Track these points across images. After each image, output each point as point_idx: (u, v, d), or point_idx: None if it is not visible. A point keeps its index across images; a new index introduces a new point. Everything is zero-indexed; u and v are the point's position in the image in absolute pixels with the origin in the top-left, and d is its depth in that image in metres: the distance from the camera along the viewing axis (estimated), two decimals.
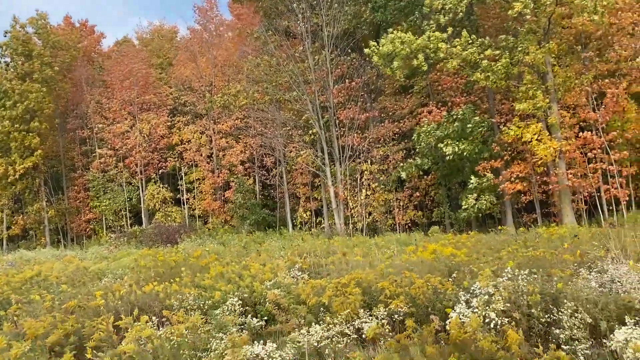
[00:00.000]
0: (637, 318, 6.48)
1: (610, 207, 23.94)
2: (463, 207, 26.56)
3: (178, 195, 41.02)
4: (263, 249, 20.05)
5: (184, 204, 40.43)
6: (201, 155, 39.33)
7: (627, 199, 23.49)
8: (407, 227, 31.07)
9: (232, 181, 37.82)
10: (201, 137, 39.53)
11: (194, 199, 39.93)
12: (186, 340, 6.57)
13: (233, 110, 38.08)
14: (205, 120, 40.15)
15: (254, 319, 8.65)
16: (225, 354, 5.79)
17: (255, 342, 6.57)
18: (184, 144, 39.90)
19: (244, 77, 37.37)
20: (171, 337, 6.66)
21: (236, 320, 8.21)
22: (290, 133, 34.11)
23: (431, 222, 31.09)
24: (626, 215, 22.58)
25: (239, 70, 38.83)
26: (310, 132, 33.09)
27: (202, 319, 8.31)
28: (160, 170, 40.64)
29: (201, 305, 9.29)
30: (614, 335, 5.37)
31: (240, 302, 9.28)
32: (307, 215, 35.98)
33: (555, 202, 26.02)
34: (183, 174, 40.68)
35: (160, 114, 40.63)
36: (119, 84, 41.31)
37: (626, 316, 6.04)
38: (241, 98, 37.28)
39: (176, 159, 40.23)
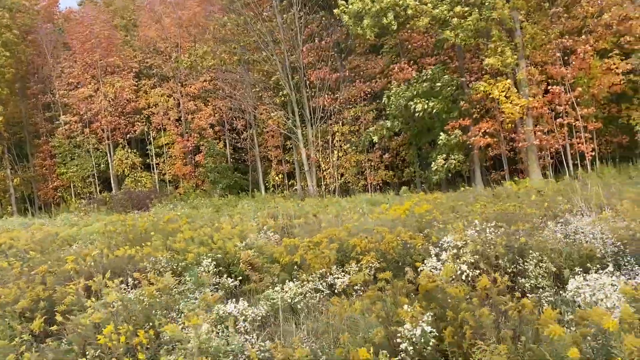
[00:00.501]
0: (598, 266, 6.74)
1: (576, 162, 24.56)
2: (433, 169, 26.85)
3: (147, 160, 40.35)
4: (236, 212, 20.02)
5: (153, 169, 39.85)
6: (169, 119, 38.57)
7: (592, 153, 24.12)
8: (378, 187, 31.39)
9: (202, 145, 37.34)
10: (169, 100, 38.68)
11: (164, 163, 39.38)
12: (158, 300, 6.56)
13: (200, 71, 37.23)
14: (172, 83, 39.22)
15: (229, 279, 8.69)
16: (198, 312, 5.81)
17: (229, 300, 6.61)
18: (151, 107, 38.99)
19: (211, 38, 36.44)
20: (142, 299, 6.65)
21: (211, 280, 8.24)
22: (260, 95, 33.64)
23: (402, 181, 31.49)
24: (590, 170, 23.25)
25: (205, 31, 37.81)
26: (280, 93, 32.70)
27: (175, 280, 8.33)
28: (128, 135, 39.76)
29: (174, 267, 9.28)
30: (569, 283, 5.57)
31: (214, 263, 9.31)
32: (279, 178, 35.95)
33: (522, 158, 26.56)
34: (152, 139, 39.94)
35: (126, 77, 39.45)
36: (80, 46, 39.79)
37: (577, 268, 6.25)
38: (208, 59, 36.40)
39: (144, 123, 39.36)
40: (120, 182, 39.56)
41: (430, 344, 4.24)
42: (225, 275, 8.77)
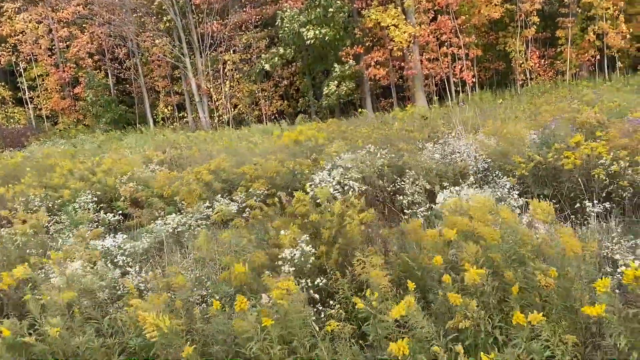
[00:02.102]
0: (469, 181, 7.25)
1: (458, 89, 25.87)
2: (325, 94, 27.06)
3: (19, 95, 36.56)
4: (121, 146, 19.03)
5: (27, 104, 36.30)
6: (40, 47, 34.86)
7: (473, 80, 25.51)
8: (274, 117, 31.13)
9: (81, 76, 34.44)
10: (38, 27, 34.78)
11: (39, 98, 35.95)
12: (31, 239, 6.13)
13: None
14: (41, 7, 35.13)
15: (109, 214, 8.30)
16: (74, 248, 5.49)
17: (108, 235, 6.32)
18: (18, 35, 34.91)
19: None
20: (14, 238, 6.17)
21: (90, 216, 7.82)
22: (143, 20, 31.26)
23: (297, 111, 31.45)
24: (471, 95, 24.65)
25: None
26: (165, 19, 30.59)
27: (51, 219, 7.81)
28: None
29: (50, 205, 8.68)
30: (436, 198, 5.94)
31: (95, 199, 8.83)
32: (168, 111, 34.39)
33: (409, 86, 27.50)
34: (22, 70, 36.05)
35: None
36: None
37: (446, 184, 6.67)
38: None
39: (10, 53, 35.27)
40: None
41: (311, 261, 4.36)
42: (105, 211, 8.36)
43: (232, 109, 31.40)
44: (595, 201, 5.26)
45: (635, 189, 5.55)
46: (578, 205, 5.54)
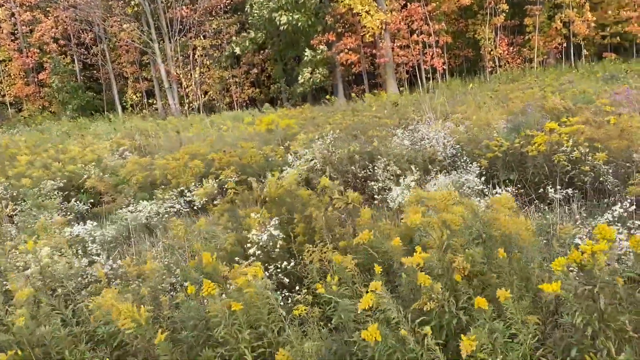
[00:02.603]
0: (438, 167, 7.35)
1: (428, 76, 26.08)
2: (299, 82, 26.97)
3: None
4: (88, 133, 18.65)
5: None
6: (2, 32, 33.73)
7: (444, 67, 25.73)
8: (245, 104, 30.91)
9: (46, 62, 33.49)
10: None
11: (2, 84, 34.86)
12: None
13: None
14: None
15: (78, 202, 8.16)
16: (42, 238, 5.39)
17: (79, 223, 6.22)
18: None
19: None
20: None
21: (53, 204, 7.65)
22: (110, 4, 30.50)
23: (269, 98, 31.28)
24: (441, 82, 24.89)
25: None
26: (132, 3, 29.90)
27: (15, 208, 7.65)
28: None
29: (13, 195, 8.47)
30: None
31: (61, 185, 8.66)
32: (137, 97, 33.77)
33: (381, 73, 27.60)
34: None
35: None
36: None
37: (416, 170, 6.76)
38: None
39: None
40: None
41: (279, 245, 4.39)
42: (74, 199, 8.21)
43: (203, 96, 31.04)
44: (558, 186, 5.40)
45: (596, 174, 5.71)
46: (542, 190, 5.69)
